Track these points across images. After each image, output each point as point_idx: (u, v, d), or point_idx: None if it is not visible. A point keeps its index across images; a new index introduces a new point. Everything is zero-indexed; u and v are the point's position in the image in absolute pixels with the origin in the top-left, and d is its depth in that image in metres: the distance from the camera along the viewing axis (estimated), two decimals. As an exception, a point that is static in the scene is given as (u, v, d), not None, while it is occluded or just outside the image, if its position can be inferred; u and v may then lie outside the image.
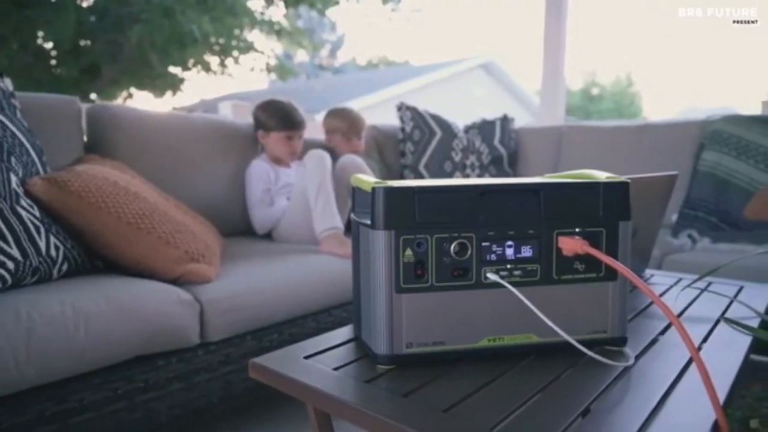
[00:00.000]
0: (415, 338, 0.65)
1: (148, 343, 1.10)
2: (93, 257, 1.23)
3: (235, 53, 8.94)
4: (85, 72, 8.11)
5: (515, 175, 2.59)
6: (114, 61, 8.10)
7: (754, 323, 0.87)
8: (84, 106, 1.63)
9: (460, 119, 2.68)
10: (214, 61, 8.91)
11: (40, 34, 7.50)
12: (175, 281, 1.22)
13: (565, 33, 3.09)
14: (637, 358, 0.70)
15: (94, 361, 1.02)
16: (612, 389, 0.61)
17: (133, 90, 9.03)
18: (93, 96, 8.50)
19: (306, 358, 0.70)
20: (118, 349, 1.05)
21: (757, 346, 0.82)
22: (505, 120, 2.65)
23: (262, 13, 8.84)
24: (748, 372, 0.89)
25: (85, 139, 1.62)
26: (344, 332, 0.80)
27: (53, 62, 8.12)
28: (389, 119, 2.63)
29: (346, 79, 15.87)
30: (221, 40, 8.44)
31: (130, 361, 1.09)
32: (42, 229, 1.10)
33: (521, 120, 3.06)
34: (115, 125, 1.64)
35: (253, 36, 9.91)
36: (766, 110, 2.47)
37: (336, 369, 0.67)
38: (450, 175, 2.47)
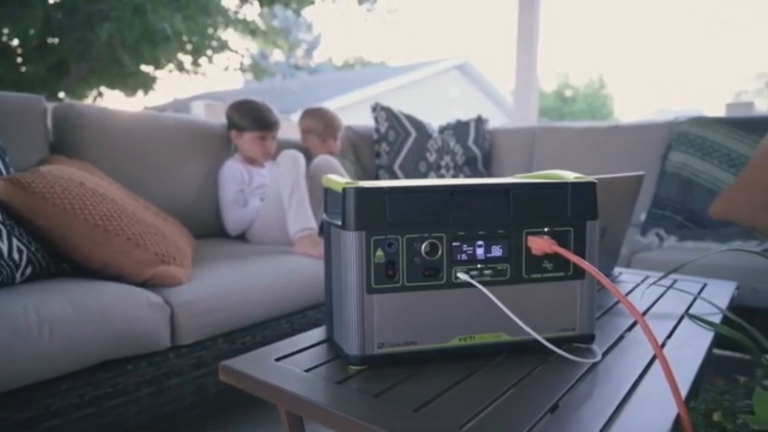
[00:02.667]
0: (386, 338, 0.65)
1: (117, 347, 1.07)
2: (59, 260, 1.19)
3: (209, 52, 8.82)
4: (52, 70, 7.90)
5: (489, 175, 2.62)
6: (83, 59, 7.91)
7: (717, 319, 0.90)
8: (50, 105, 1.58)
9: (436, 120, 2.70)
10: (187, 60, 8.77)
11: (5, 30, 7.28)
12: (144, 284, 1.20)
13: (537, 35, 3.14)
14: (605, 354, 0.72)
15: (60, 366, 0.99)
16: (580, 385, 0.62)
17: (103, 89, 8.83)
18: (61, 95, 8.28)
19: (277, 360, 0.70)
20: (85, 354, 1.02)
21: (720, 341, 0.85)
22: (479, 121, 2.68)
23: (236, 12, 8.74)
24: (712, 366, 0.92)
25: (50, 139, 1.58)
26: (317, 333, 0.80)
27: (19, 60, 7.89)
28: (365, 120, 2.63)
29: (322, 79, 15.80)
30: (194, 39, 8.31)
31: (98, 366, 1.07)
32: (4, 232, 1.07)
33: (496, 121, 3.09)
34: (82, 125, 1.60)
35: (228, 35, 9.80)
36: (730, 112, 2.55)
37: (307, 371, 0.66)
38: (425, 176, 2.49)
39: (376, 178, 2.47)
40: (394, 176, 2.45)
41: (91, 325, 1.02)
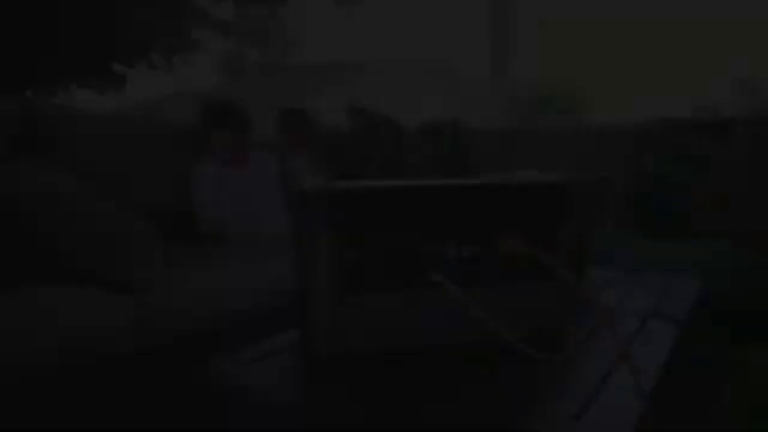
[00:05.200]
0: (358, 340, 0.65)
1: (84, 351, 1.05)
2: (22, 262, 1.16)
3: (183, 51, 8.67)
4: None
5: (465, 176, 2.64)
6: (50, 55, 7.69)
7: (682, 316, 0.92)
8: (15, 104, 1.54)
9: (412, 120, 2.70)
10: (159, 58, 8.60)
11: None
12: (115, 286, 1.17)
13: (513, 37, 3.17)
14: (574, 353, 0.73)
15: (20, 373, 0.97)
16: (551, 382, 0.63)
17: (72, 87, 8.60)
18: (27, 93, 8.03)
19: (249, 363, 0.69)
20: (48, 360, 1.00)
21: (684, 337, 0.87)
22: (455, 122, 2.69)
23: (210, 10, 8.60)
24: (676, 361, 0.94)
25: (16, 137, 1.53)
26: (289, 336, 0.79)
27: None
28: (341, 120, 2.63)
29: (299, 78, 15.69)
30: (167, 36, 8.16)
31: (63, 372, 1.04)
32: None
33: (473, 122, 3.11)
34: (50, 123, 1.56)
35: (202, 33, 9.65)
36: (697, 114, 2.63)
37: (280, 373, 0.66)
38: (400, 177, 2.49)
39: (352, 179, 2.47)
40: (370, 177, 2.45)
41: (55, 329, 1.00)
